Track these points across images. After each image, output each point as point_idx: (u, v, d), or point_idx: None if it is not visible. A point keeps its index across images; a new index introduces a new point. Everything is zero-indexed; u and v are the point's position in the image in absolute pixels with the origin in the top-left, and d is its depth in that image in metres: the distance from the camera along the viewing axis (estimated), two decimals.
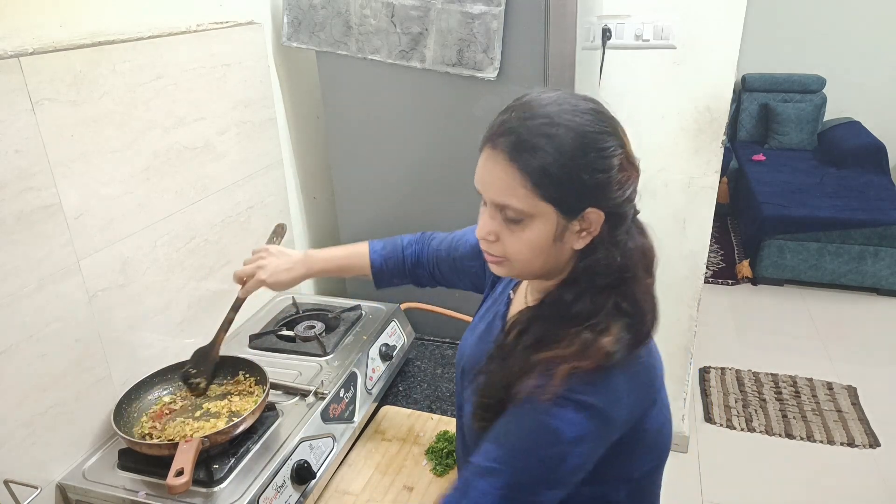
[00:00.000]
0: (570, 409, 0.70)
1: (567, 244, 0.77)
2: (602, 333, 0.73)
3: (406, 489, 1.15)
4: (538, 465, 0.71)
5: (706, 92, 2.34)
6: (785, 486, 2.40)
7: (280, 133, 1.63)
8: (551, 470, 0.71)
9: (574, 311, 0.76)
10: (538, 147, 0.71)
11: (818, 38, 4.57)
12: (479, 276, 1.07)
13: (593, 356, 0.72)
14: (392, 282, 1.17)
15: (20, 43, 0.94)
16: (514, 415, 0.75)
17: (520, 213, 0.74)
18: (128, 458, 1.04)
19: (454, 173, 1.54)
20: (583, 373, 0.71)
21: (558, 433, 0.70)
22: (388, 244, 1.17)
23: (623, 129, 0.76)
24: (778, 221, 3.68)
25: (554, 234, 0.75)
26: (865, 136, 4.32)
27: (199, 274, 1.34)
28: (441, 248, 1.13)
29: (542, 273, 0.81)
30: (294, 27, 1.54)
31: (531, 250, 0.77)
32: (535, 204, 0.73)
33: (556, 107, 0.73)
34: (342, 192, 1.70)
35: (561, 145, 0.71)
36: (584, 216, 0.74)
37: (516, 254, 0.78)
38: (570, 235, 0.76)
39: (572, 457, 0.71)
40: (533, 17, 1.35)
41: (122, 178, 1.12)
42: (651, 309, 0.77)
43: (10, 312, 0.93)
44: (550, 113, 0.72)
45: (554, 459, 0.70)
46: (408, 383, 1.47)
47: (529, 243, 0.76)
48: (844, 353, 3.18)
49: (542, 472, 0.71)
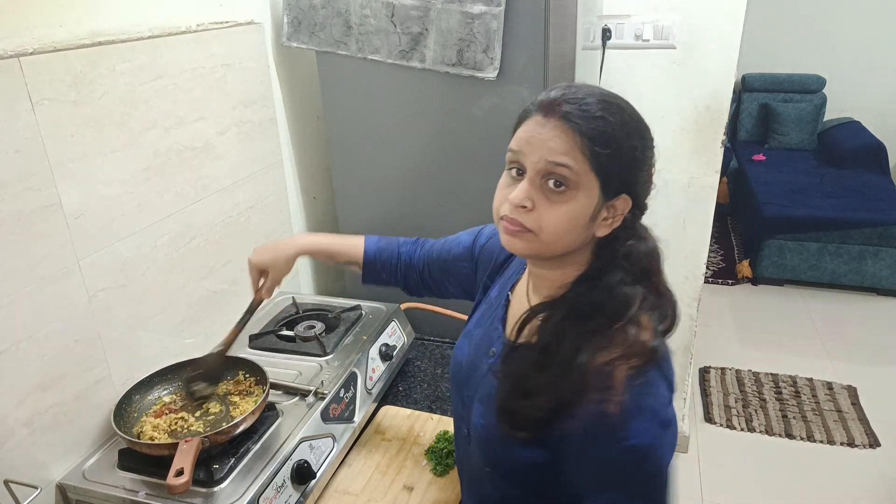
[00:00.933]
0: (637, 420, 0.71)
1: (592, 229, 0.77)
2: (641, 328, 0.74)
3: (406, 489, 1.15)
4: (648, 481, 0.73)
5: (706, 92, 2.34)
6: (785, 486, 2.40)
7: (280, 133, 1.63)
8: (657, 476, 0.73)
9: (610, 306, 0.75)
10: (603, 117, 0.72)
11: (818, 38, 4.57)
12: (469, 278, 1.06)
13: (641, 353, 0.72)
14: (381, 277, 1.15)
15: (20, 43, 0.94)
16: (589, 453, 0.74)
17: (572, 176, 0.73)
18: (128, 458, 1.04)
19: (454, 173, 1.54)
20: (635, 371, 0.71)
21: (639, 447, 0.71)
22: (384, 239, 1.17)
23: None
24: (778, 221, 3.68)
25: (592, 211, 0.75)
26: (865, 136, 4.32)
27: (199, 274, 1.34)
28: (433, 250, 1.12)
29: (562, 252, 0.79)
30: (294, 27, 1.54)
31: (567, 223, 0.75)
32: (587, 172, 0.73)
33: (609, 94, 0.76)
34: (342, 192, 1.70)
35: (624, 121, 0.74)
36: (615, 202, 0.76)
37: (551, 225, 0.75)
38: (600, 219, 0.76)
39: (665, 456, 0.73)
40: (533, 17, 1.35)
41: (122, 178, 1.12)
42: (673, 299, 0.79)
43: (10, 312, 0.93)
44: (608, 96, 0.75)
45: (655, 468, 0.73)
46: (408, 383, 1.47)
47: (567, 215, 0.74)
48: (844, 353, 3.18)
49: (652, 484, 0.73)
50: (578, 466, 0.76)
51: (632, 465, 0.72)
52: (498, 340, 0.89)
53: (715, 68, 2.31)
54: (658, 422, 0.72)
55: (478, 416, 0.87)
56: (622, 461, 0.72)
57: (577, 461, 0.76)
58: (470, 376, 0.92)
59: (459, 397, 0.96)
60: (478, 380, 0.90)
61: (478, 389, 0.89)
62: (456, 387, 0.98)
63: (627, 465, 0.72)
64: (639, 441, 0.70)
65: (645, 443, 0.71)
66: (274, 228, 1.60)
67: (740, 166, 4.50)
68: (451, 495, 1.13)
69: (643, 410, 0.71)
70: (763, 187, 4.01)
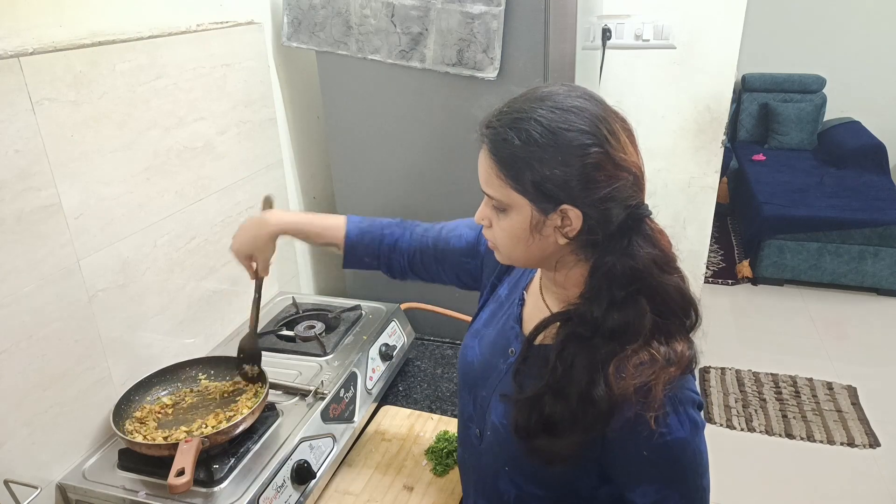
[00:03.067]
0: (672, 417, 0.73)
1: (549, 238, 0.77)
2: (671, 338, 0.74)
3: (406, 489, 1.15)
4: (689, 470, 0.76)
5: (706, 92, 2.34)
6: (785, 486, 2.40)
7: (280, 133, 1.63)
8: (699, 463, 0.77)
9: (611, 327, 0.74)
10: (508, 139, 0.74)
11: (818, 38, 4.57)
12: (471, 274, 1.06)
13: (678, 364, 0.73)
14: (363, 261, 1.11)
15: (20, 43, 0.94)
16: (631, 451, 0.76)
17: (500, 199, 0.78)
18: (128, 458, 1.04)
19: (454, 173, 1.54)
20: (674, 382, 0.73)
21: (680, 440, 0.74)
22: (366, 220, 1.12)
23: (619, 129, 0.74)
24: (778, 221, 3.68)
25: (530, 225, 0.77)
26: (865, 136, 4.32)
27: (199, 274, 1.34)
28: (427, 237, 1.09)
29: (530, 262, 0.83)
30: (294, 27, 1.54)
31: (510, 238, 0.80)
32: (509, 194, 0.76)
33: (537, 102, 0.75)
34: (342, 192, 1.70)
35: (528, 139, 0.73)
36: (563, 212, 0.74)
37: (499, 241, 0.82)
38: (549, 229, 0.76)
39: (702, 443, 0.76)
40: (533, 17, 1.35)
41: (122, 178, 1.12)
42: (688, 304, 0.77)
43: (10, 312, 0.93)
44: (528, 108, 0.75)
45: (695, 457, 0.76)
46: (408, 383, 1.47)
47: (508, 231, 0.79)
48: (844, 353, 3.18)
49: (695, 472, 0.77)
50: (616, 462, 0.79)
51: (671, 458, 0.75)
52: (516, 340, 0.89)
53: (715, 68, 2.31)
54: (691, 414, 0.74)
55: (498, 416, 0.87)
56: (660, 456, 0.74)
57: (615, 458, 0.78)
58: (485, 376, 0.91)
59: (471, 398, 0.94)
60: (496, 379, 0.89)
61: (496, 389, 0.88)
62: (467, 387, 0.96)
63: (666, 460, 0.75)
64: (675, 435, 0.73)
65: (681, 436, 0.73)
66: None
67: (740, 166, 4.50)
68: (451, 495, 1.13)
69: (678, 405, 0.73)
70: (763, 187, 4.01)
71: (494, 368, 0.90)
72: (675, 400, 0.73)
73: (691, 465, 0.76)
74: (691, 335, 0.77)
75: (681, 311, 0.77)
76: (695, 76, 2.30)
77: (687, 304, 0.77)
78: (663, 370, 0.71)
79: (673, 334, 0.75)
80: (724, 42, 2.23)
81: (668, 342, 0.74)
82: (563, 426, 0.75)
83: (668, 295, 0.76)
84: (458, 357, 1.03)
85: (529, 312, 0.90)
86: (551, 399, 0.76)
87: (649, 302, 0.75)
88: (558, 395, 0.75)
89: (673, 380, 0.72)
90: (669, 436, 0.73)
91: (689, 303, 0.77)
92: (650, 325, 0.74)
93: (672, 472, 0.76)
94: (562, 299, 0.83)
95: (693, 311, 0.78)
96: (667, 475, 0.76)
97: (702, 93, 2.32)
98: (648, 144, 2.45)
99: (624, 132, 0.75)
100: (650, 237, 0.77)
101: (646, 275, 0.75)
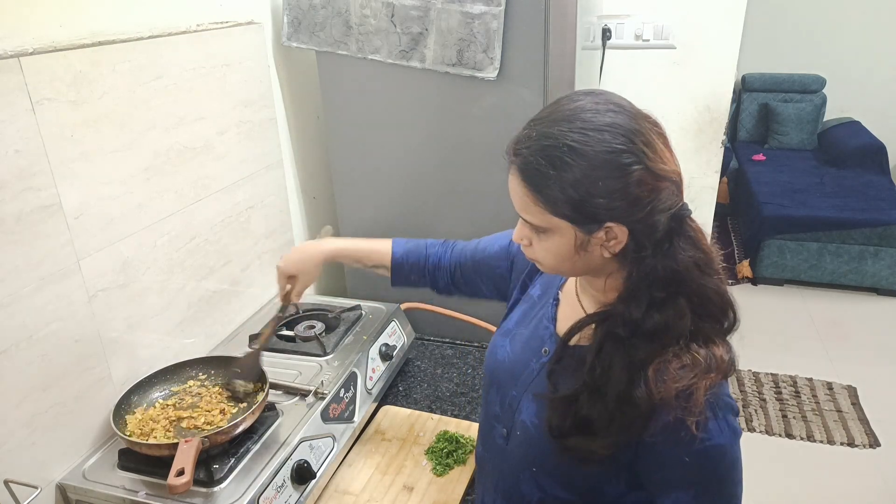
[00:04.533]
0: (712, 422, 0.72)
1: (594, 253, 0.76)
2: (710, 342, 0.74)
3: (406, 489, 1.15)
4: (725, 479, 0.75)
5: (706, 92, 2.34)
6: (785, 486, 2.40)
7: (280, 133, 1.63)
8: (734, 474, 0.76)
9: (650, 328, 0.74)
10: (543, 171, 0.72)
11: (818, 38, 4.57)
12: (504, 278, 1.06)
13: (718, 369, 0.73)
14: (409, 278, 1.16)
15: (20, 43, 0.94)
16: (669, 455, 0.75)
17: (537, 225, 0.76)
18: (128, 458, 1.04)
19: (454, 173, 1.54)
20: (715, 387, 0.72)
21: (720, 446, 0.73)
22: (411, 241, 1.17)
23: (654, 138, 0.73)
24: (778, 221, 3.68)
25: (574, 245, 0.75)
26: (865, 136, 4.32)
27: (199, 274, 1.34)
28: (466, 251, 1.12)
29: (578, 273, 0.83)
30: (294, 27, 1.54)
31: (554, 257, 0.79)
32: (549, 220, 0.75)
33: (565, 124, 0.72)
34: (342, 192, 1.70)
35: (562, 166, 0.70)
36: (607, 229, 0.73)
37: (543, 259, 0.81)
38: (595, 246, 0.75)
39: (738, 452, 0.75)
40: (533, 17, 1.35)
41: (122, 178, 1.12)
42: (727, 306, 0.76)
43: (10, 312, 0.93)
44: (557, 133, 0.71)
45: (731, 466, 0.75)
46: (408, 383, 1.47)
47: (551, 252, 0.78)
48: (844, 353, 3.18)
49: (731, 481, 0.76)
50: (651, 468, 0.77)
51: (709, 464, 0.74)
52: (550, 340, 0.88)
53: (715, 68, 2.31)
54: (730, 421, 0.74)
55: (530, 415, 0.86)
56: (699, 461, 0.74)
57: (650, 463, 0.77)
58: (516, 375, 0.90)
59: (499, 397, 0.93)
60: (528, 379, 0.88)
61: (528, 388, 0.88)
62: (495, 386, 0.95)
63: (705, 465, 0.74)
64: (715, 441, 0.72)
65: (721, 443, 0.73)
66: (274, 228, 1.60)
67: (740, 166, 4.50)
68: (452, 495, 1.13)
69: (717, 410, 0.73)
70: (763, 187, 4.01)
71: (526, 367, 0.89)
72: (714, 405, 0.72)
73: (728, 474, 0.75)
74: (729, 338, 0.77)
75: (720, 313, 0.76)
76: (695, 76, 2.30)
77: (726, 306, 0.76)
78: (705, 375, 0.71)
79: (712, 338, 0.75)
80: (724, 42, 2.23)
81: (707, 345, 0.74)
82: (599, 426, 0.75)
83: (708, 297, 0.75)
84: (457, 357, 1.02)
85: (564, 313, 0.89)
86: (588, 399, 0.76)
87: (688, 304, 0.74)
88: (595, 396, 0.75)
89: (714, 385, 0.72)
90: (709, 441, 0.72)
91: (728, 304, 0.77)
92: (690, 328, 0.73)
93: (709, 480, 0.75)
94: (598, 301, 0.83)
95: (732, 312, 0.77)
96: (703, 482, 0.75)
97: (702, 93, 2.33)
98: None
99: (659, 139, 0.73)
100: (692, 238, 0.76)
101: (686, 277, 0.74)
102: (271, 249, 1.59)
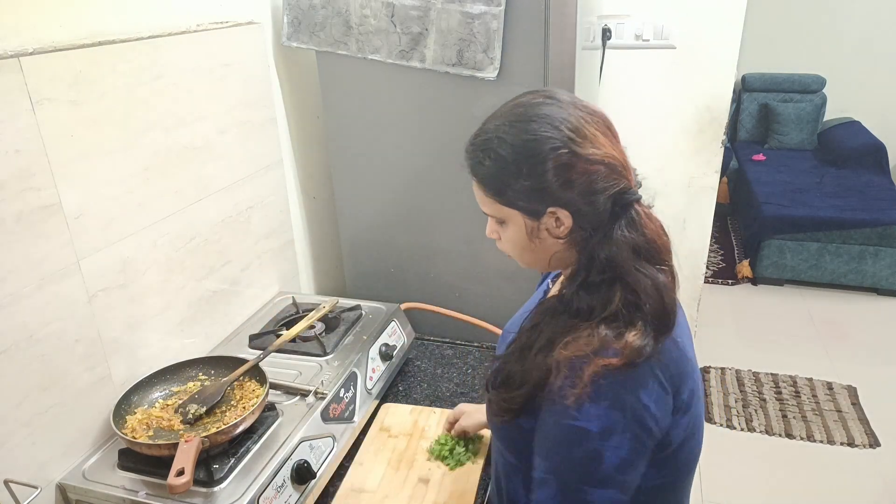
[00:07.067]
0: (590, 404, 0.73)
1: (548, 239, 0.82)
2: (627, 328, 0.74)
3: (422, 482, 1.15)
4: (578, 467, 0.75)
5: (706, 92, 2.34)
6: (785, 486, 2.40)
7: (280, 133, 1.63)
8: (591, 468, 0.74)
9: (576, 306, 0.78)
10: (482, 162, 0.81)
11: (818, 38, 4.57)
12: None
13: (622, 353, 0.72)
14: None
15: (20, 43, 0.94)
16: (546, 422, 0.78)
17: (495, 216, 0.84)
18: (128, 458, 1.04)
19: (454, 173, 1.53)
20: (613, 370, 0.72)
21: (584, 430, 0.73)
22: None
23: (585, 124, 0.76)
24: (778, 221, 3.68)
25: (526, 232, 0.82)
26: (865, 136, 4.32)
27: (199, 274, 1.34)
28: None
29: (543, 265, 0.87)
30: (294, 27, 1.54)
31: (515, 247, 0.86)
32: (500, 209, 0.82)
33: (502, 118, 0.80)
34: (342, 192, 1.70)
35: (497, 157, 0.79)
36: (552, 214, 0.79)
37: (510, 251, 0.88)
38: (545, 231, 0.81)
39: (608, 451, 0.73)
40: (533, 17, 1.35)
41: (122, 178, 1.12)
42: (656, 300, 0.75)
43: (10, 312, 0.93)
44: (494, 128, 0.80)
45: (589, 457, 0.74)
46: (408, 383, 1.47)
47: (512, 241, 0.85)
48: (844, 353, 3.18)
49: (583, 473, 0.75)
50: (538, 427, 0.80)
51: (566, 442, 0.75)
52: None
53: (715, 68, 2.31)
54: (619, 413, 0.73)
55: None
56: (560, 434, 0.75)
57: (539, 423, 0.80)
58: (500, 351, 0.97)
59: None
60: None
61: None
62: None
63: (562, 442, 0.76)
64: (580, 423, 0.73)
65: (585, 427, 0.73)
66: (274, 228, 1.60)
67: (740, 166, 4.50)
68: (467, 485, 1.14)
69: (601, 398, 0.73)
70: (763, 187, 4.01)
71: (504, 342, 0.95)
72: (607, 394, 0.72)
73: (581, 462, 0.74)
74: (661, 338, 0.75)
75: (653, 313, 0.75)
76: (695, 76, 2.30)
77: (661, 307, 0.75)
78: (598, 353, 0.73)
79: (634, 324, 0.74)
80: (724, 42, 2.23)
81: (620, 330, 0.74)
82: (515, 381, 0.81)
83: (643, 290, 0.75)
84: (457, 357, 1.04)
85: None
86: (513, 359, 0.83)
87: (622, 292, 0.75)
88: (519, 357, 0.82)
89: (612, 368, 0.72)
90: (576, 421, 0.73)
91: (663, 301, 0.75)
92: (613, 313, 0.75)
93: (559, 459, 0.76)
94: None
95: (667, 316, 0.76)
96: (554, 459, 0.77)
97: (702, 93, 2.32)
98: (648, 144, 2.45)
99: (593, 126, 0.77)
100: (635, 222, 0.77)
101: (620, 261, 0.75)
102: (271, 249, 1.59)
